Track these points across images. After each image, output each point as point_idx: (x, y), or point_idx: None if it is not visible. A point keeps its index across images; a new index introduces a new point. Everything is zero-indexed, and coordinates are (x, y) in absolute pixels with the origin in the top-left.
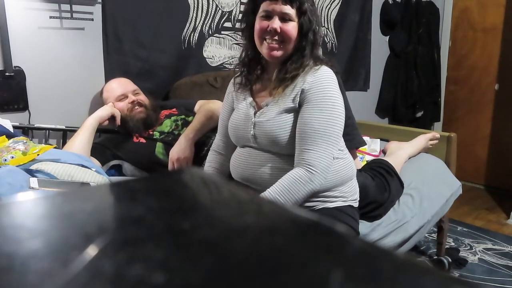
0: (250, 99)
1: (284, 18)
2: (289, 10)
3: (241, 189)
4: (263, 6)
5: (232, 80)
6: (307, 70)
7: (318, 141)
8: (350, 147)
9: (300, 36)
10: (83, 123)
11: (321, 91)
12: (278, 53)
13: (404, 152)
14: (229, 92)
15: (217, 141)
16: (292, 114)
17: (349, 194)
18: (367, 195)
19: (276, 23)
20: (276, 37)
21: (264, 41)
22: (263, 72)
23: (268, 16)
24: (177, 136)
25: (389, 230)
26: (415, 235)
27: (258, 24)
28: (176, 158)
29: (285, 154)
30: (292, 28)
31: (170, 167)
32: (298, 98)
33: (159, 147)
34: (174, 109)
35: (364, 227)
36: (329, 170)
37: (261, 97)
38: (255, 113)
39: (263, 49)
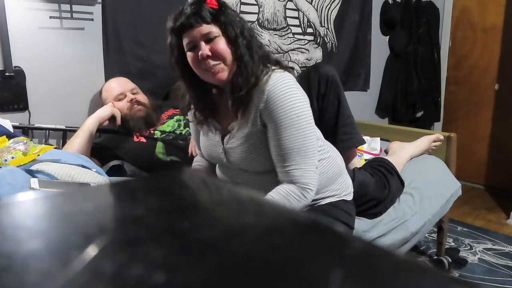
0: (215, 123)
1: (208, 38)
2: (208, 28)
3: (241, 189)
4: (185, 39)
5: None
6: (261, 79)
7: (296, 159)
8: (349, 146)
9: (233, 46)
10: (83, 123)
11: (279, 106)
12: (223, 74)
13: (406, 152)
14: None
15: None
16: (261, 134)
17: (340, 191)
18: (367, 191)
19: (204, 49)
20: (212, 61)
21: (205, 70)
22: (219, 96)
23: (194, 46)
24: (178, 135)
25: (389, 228)
26: (416, 235)
27: (190, 58)
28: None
29: (262, 171)
30: (220, 43)
31: (190, 152)
32: (259, 120)
33: (159, 147)
34: (178, 109)
35: (364, 224)
36: (317, 180)
37: (227, 120)
38: (223, 138)
39: (209, 78)
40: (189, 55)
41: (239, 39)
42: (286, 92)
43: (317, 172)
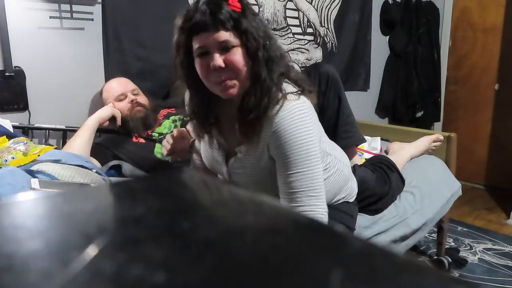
0: (220, 139)
1: (224, 47)
2: (225, 35)
3: (241, 189)
4: (196, 42)
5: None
6: (271, 108)
7: (304, 199)
8: (349, 145)
9: (251, 60)
10: (83, 124)
11: (287, 143)
12: (234, 90)
13: (406, 153)
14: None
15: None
16: (268, 167)
17: (345, 198)
18: (367, 187)
19: (217, 60)
20: (224, 74)
21: (214, 83)
22: (225, 108)
23: (205, 52)
24: None
25: (390, 224)
26: (416, 233)
27: (198, 66)
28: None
29: (267, 194)
30: (237, 55)
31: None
32: (266, 152)
33: (158, 147)
34: (173, 109)
35: (365, 220)
36: (327, 215)
37: (232, 138)
38: (227, 159)
39: (217, 91)
40: (198, 61)
41: (259, 53)
42: (295, 128)
43: (327, 209)
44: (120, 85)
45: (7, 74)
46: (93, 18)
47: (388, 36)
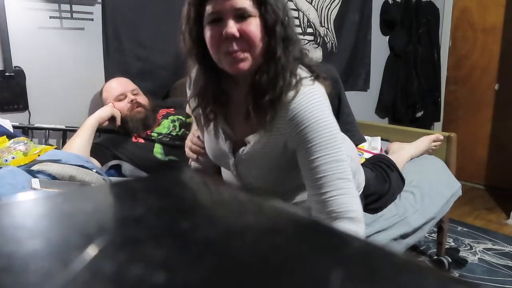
0: (226, 128)
1: (241, 15)
2: (244, 2)
3: (241, 189)
4: (209, 8)
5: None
6: (285, 93)
7: (334, 183)
8: None
9: (267, 34)
10: (83, 124)
11: (308, 127)
12: (245, 64)
13: (406, 153)
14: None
15: None
16: (281, 157)
17: None
18: (368, 186)
19: (231, 27)
20: (237, 44)
21: (224, 54)
22: (233, 89)
23: (218, 19)
24: (175, 137)
25: (391, 223)
26: (417, 232)
27: (209, 33)
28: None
29: (277, 191)
30: (254, 26)
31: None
32: (281, 143)
33: (157, 147)
34: (172, 109)
35: (366, 218)
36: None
37: (239, 125)
38: (234, 151)
39: (226, 64)
40: (208, 29)
41: (277, 27)
42: (313, 111)
43: (359, 198)
44: (120, 85)
45: (7, 74)
46: (93, 18)
47: (388, 36)
